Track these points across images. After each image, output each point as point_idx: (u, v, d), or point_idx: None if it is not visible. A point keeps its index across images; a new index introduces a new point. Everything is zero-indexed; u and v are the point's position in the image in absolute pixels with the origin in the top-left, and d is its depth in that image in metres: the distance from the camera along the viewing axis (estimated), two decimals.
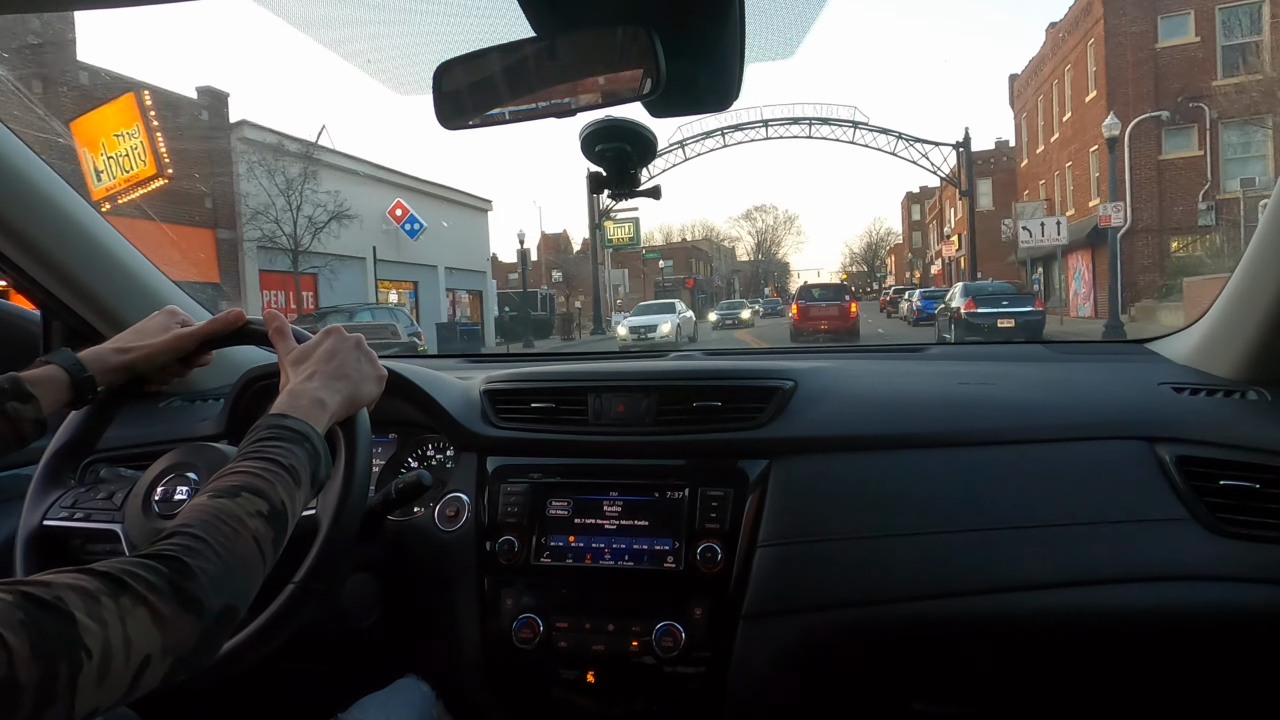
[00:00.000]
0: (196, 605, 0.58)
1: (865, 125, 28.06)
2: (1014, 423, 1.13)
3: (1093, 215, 19.23)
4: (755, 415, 1.17)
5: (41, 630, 0.48)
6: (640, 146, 0.89)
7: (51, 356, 0.91)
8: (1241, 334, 1.15)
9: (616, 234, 35.36)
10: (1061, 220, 20.22)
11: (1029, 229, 20.07)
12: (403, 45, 0.81)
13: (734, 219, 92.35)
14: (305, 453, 0.76)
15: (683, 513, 1.12)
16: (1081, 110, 22.42)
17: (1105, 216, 16.18)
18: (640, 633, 1.08)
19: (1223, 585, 0.97)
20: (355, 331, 0.93)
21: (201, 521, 0.63)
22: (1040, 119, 27.14)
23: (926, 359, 1.55)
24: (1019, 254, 22.78)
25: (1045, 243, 19.83)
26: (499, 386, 1.29)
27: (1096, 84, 21.06)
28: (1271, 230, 1.05)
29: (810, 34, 0.77)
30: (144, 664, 0.54)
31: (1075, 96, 23.06)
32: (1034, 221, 20.49)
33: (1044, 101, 26.39)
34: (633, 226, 35.65)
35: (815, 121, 28.36)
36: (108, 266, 1.36)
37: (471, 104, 0.80)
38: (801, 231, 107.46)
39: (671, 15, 0.70)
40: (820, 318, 17.72)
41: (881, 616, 1.03)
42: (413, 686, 1.08)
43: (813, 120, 28.34)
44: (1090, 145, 21.42)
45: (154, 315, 1.01)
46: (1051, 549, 1.01)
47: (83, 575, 0.53)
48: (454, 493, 1.20)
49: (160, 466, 1.00)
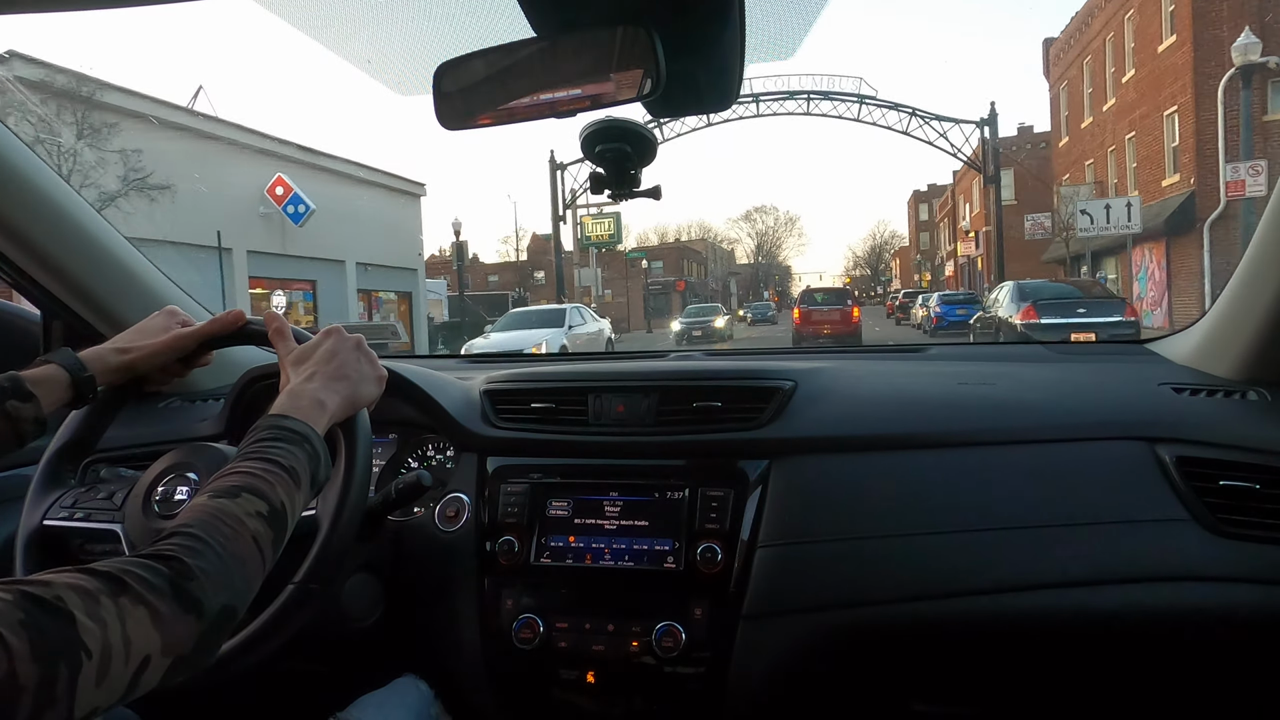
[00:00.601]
0: (196, 605, 0.58)
1: (873, 100, 23.93)
2: (1014, 423, 1.13)
3: (1165, 199, 16.12)
4: (755, 415, 1.17)
5: (41, 630, 0.48)
6: (640, 147, 0.89)
7: (52, 356, 0.91)
8: (1241, 334, 1.15)
9: (595, 230, 31.52)
10: (1133, 202, 16.22)
11: (1090, 213, 16.27)
12: (403, 45, 0.82)
13: (733, 220, 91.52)
14: (305, 454, 0.76)
15: (683, 513, 1.12)
16: (1152, 64, 18.12)
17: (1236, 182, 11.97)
18: (640, 633, 1.08)
19: (1222, 585, 0.97)
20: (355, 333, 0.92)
21: (201, 522, 0.63)
22: (1087, 85, 22.58)
23: (926, 359, 1.55)
24: (1071, 245, 18.79)
25: (1112, 230, 15.82)
26: (499, 387, 1.29)
27: (1176, 26, 16.83)
28: (1271, 230, 1.05)
29: (810, 34, 0.77)
30: (143, 664, 0.54)
31: (1142, 48, 18.79)
32: (1096, 205, 16.63)
33: (1093, 64, 21.91)
34: (613, 222, 31.80)
35: (815, 96, 24.13)
36: (108, 266, 1.36)
37: (471, 104, 0.80)
38: (803, 234, 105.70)
39: (671, 15, 0.70)
40: (822, 322, 17.45)
41: (882, 617, 1.03)
42: (410, 685, 1.08)
43: (811, 94, 24.11)
44: (1165, 107, 17.24)
45: (154, 315, 1.02)
46: (1052, 549, 1.01)
47: (83, 575, 0.53)
48: (454, 493, 1.20)
49: (160, 466, 1.00)
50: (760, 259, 73.35)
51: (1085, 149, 23.16)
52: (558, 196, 25.30)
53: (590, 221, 31.08)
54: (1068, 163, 24.74)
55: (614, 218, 31.58)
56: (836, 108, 24.38)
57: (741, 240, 74.24)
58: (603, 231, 31.84)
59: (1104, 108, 21.37)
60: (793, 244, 78.13)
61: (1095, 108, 22.09)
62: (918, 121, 23.86)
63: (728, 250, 70.73)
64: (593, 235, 31.50)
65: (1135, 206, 16.11)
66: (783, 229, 75.29)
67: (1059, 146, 25.95)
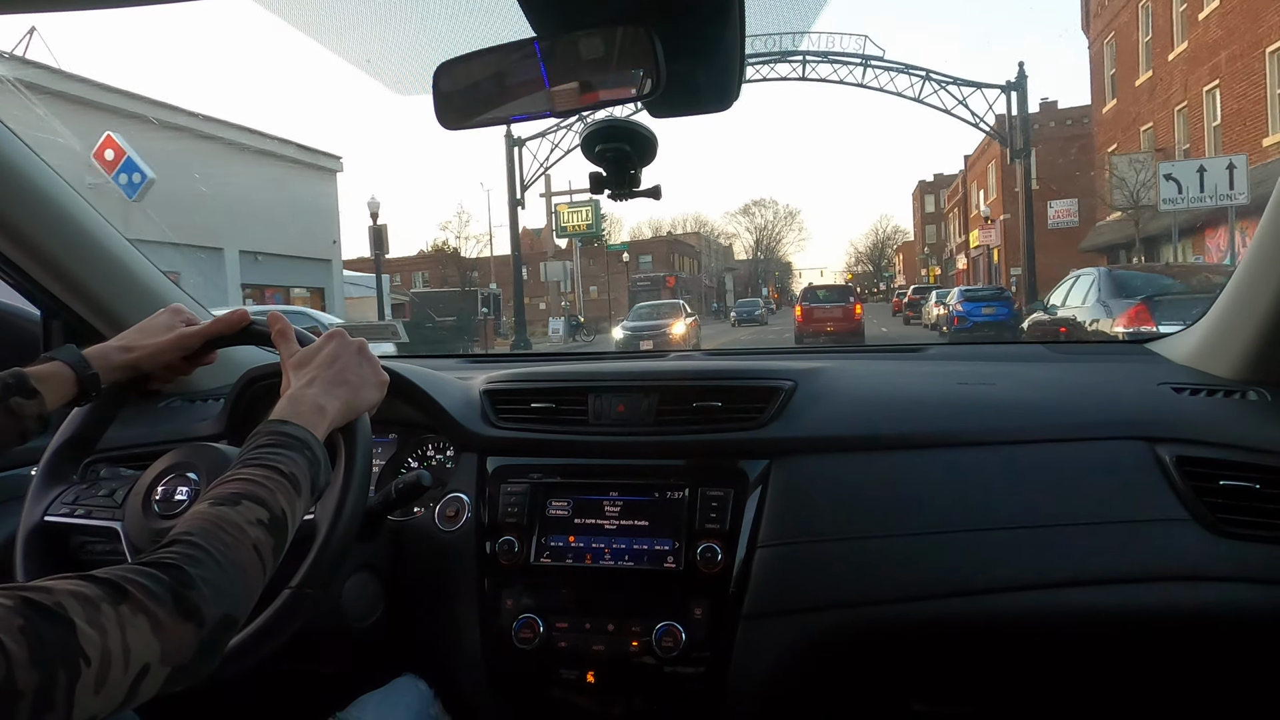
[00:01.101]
0: (196, 614, 0.58)
1: (880, 62, 19.75)
2: (1014, 423, 1.13)
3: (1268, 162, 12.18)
4: (755, 415, 1.17)
5: (41, 636, 0.48)
6: (640, 146, 0.89)
7: (56, 353, 0.91)
8: (1241, 334, 1.15)
9: (572, 220, 28.22)
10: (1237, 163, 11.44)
11: (1178, 179, 11.84)
12: (403, 45, 0.82)
13: (730, 214, 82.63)
14: (305, 459, 0.76)
15: (683, 513, 1.12)
16: None
17: None
18: (640, 633, 1.08)
19: (1223, 585, 0.97)
20: None
21: (202, 530, 0.63)
22: (1144, 32, 18.29)
23: (926, 359, 1.55)
24: (1145, 224, 15.17)
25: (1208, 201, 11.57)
26: (499, 387, 1.29)
27: None
28: (1271, 230, 1.05)
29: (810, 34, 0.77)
30: (143, 672, 0.54)
31: None
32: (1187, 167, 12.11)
33: (1155, 5, 17.69)
34: (591, 211, 27.95)
35: (812, 58, 19.76)
36: (108, 266, 1.36)
37: (471, 104, 0.80)
38: (804, 228, 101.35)
39: (671, 15, 0.70)
40: (825, 319, 17.28)
41: (881, 617, 1.03)
42: (410, 685, 1.08)
43: (808, 56, 19.72)
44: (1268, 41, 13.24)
45: (159, 313, 1.02)
46: (1052, 549, 1.01)
47: (83, 582, 0.53)
48: (454, 493, 1.20)
49: (160, 466, 1.00)
50: (760, 255, 69.84)
51: (1140, 111, 18.85)
52: (515, 177, 21.27)
53: (566, 210, 28.04)
54: (1116, 130, 20.29)
55: (592, 206, 27.79)
56: (837, 71, 19.93)
57: (740, 235, 71.45)
58: (580, 221, 28.42)
59: (1170, 56, 17.13)
60: (793, 239, 75.23)
61: (1157, 58, 17.76)
62: (932, 87, 19.63)
63: (725, 245, 68.70)
64: (569, 225, 28.50)
65: (1241, 169, 11.29)
66: (782, 223, 71.67)
67: (1103, 113, 21.44)
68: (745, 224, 71.00)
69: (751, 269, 68.42)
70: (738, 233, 71.60)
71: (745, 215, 71.34)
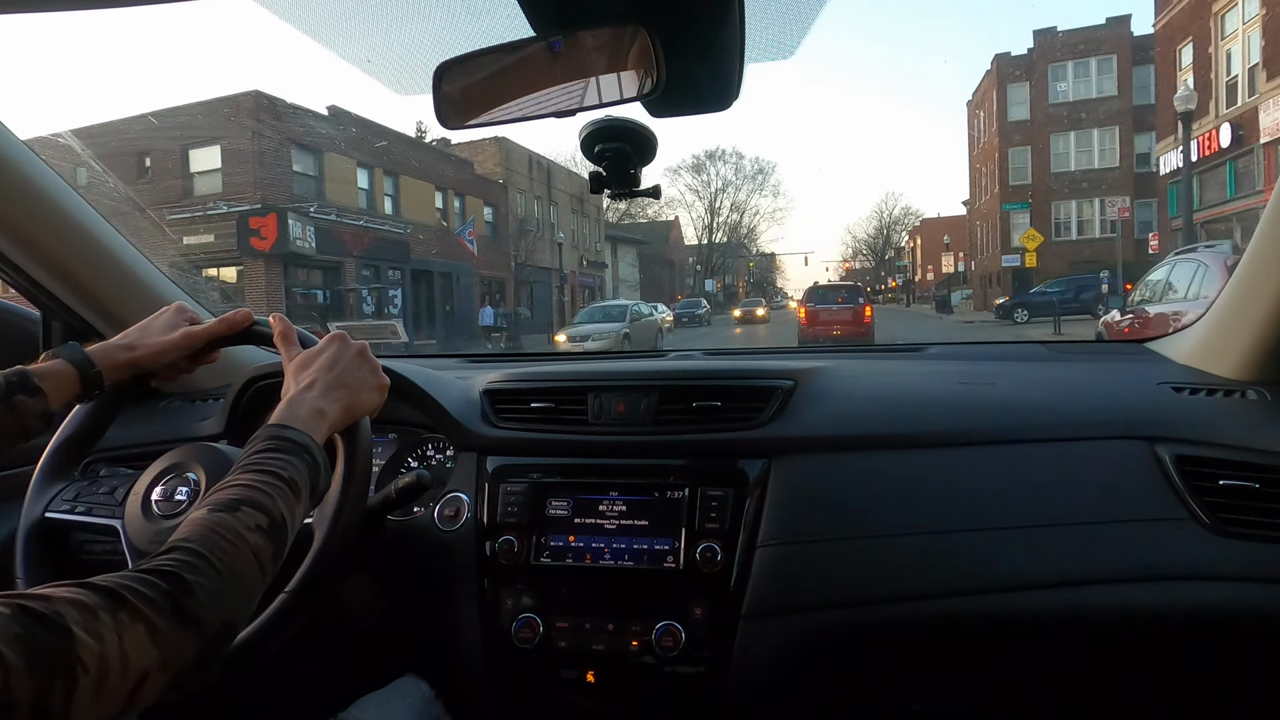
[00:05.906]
0: (195, 622, 0.57)
1: None
2: (1014, 422, 1.13)
3: None
4: (755, 415, 1.17)
5: (38, 645, 0.48)
6: (640, 146, 0.90)
7: (60, 351, 0.91)
8: (1241, 334, 1.15)
9: None
10: None
11: None
12: (403, 45, 0.82)
13: (671, 170, 48.41)
14: (305, 464, 0.76)
15: (683, 512, 1.12)
16: None
17: None
18: (640, 632, 1.08)
19: (1223, 585, 0.97)
20: None
21: (201, 537, 0.63)
22: None
23: (926, 359, 1.55)
24: None
25: None
26: (499, 386, 1.29)
27: None
28: (1271, 230, 1.05)
29: (810, 34, 0.77)
30: (141, 680, 0.53)
31: None
32: None
33: None
34: None
35: None
36: (108, 266, 1.36)
37: (471, 104, 0.80)
38: (780, 193, 78.13)
39: (671, 15, 0.70)
40: (831, 322, 15.97)
41: (881, 616, 1.03)
42: (411, 686, 1.08)
43: None
44: None
45: (162, 312, 1.01)
46: (1051, 549, 1.01)
47: (81, 590, 0.53)
48: (454, 493, 1.20)
49: (160, 466, 1.00)
50: (720, 236, 47.51)
51: None
52: None
53: None
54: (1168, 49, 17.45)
55: None
56: None
57: (692, 204, 49.64)
58: None
59: None
60: (765, 207, 55.09)
61: None
62: None
63: (666, 224, 43.79)
64: None
65: None
66: (748, 183, 51.18)
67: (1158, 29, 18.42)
68: (696, 184, 49.19)
69: (706, 254, 46.75)
70: (689, 200, 50.48)
71: (695, 173, 48.64)
